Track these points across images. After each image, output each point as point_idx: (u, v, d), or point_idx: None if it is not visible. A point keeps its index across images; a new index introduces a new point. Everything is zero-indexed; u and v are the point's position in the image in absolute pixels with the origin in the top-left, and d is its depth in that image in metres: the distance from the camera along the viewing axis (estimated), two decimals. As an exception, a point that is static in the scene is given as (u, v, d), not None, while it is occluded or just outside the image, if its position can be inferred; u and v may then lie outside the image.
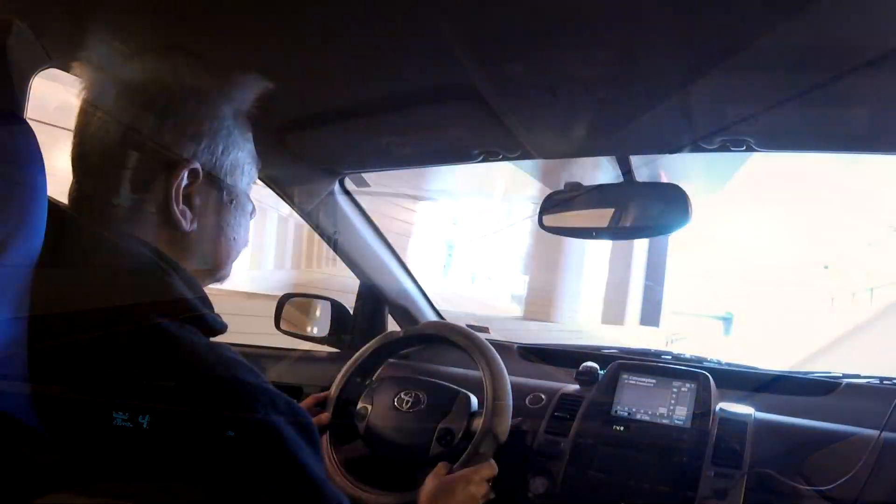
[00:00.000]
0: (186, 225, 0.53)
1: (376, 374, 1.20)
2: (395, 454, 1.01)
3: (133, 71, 0.52)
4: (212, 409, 0.43)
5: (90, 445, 0.42)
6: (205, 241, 0.56)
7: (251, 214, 0.62)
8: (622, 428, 1.01)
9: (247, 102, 0.60)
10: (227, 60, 0.72)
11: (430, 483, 0.86)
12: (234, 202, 0.58)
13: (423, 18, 0.65)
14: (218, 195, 0.56)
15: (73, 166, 0.54)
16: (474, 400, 1.04)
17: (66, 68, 0.74)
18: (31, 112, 0.53)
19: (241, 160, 0.58)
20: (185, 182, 0.52)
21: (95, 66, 0.53)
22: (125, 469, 0.42)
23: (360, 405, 1.08)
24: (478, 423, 0.96)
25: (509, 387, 0.98)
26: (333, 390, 1.10)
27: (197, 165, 0.53)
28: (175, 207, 0.52)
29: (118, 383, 0.43)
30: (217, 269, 0.59)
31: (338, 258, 1.36)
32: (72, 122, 0.54)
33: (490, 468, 0.90)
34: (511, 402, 0.98)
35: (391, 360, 1.27)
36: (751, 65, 0.65)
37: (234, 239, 0.59)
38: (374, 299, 1.46)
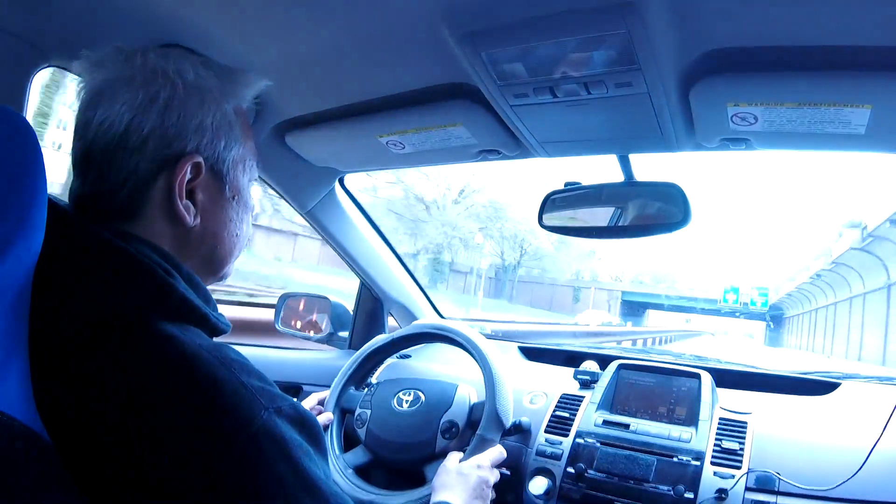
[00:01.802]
0: (190, 220, 0.53)
1: (373, 378, 1.20)
2: (401, 454, 1.01)
3: (134, 68, 0.52)
4: (215, 412, 0.43)
5: (92, 447, 0.42)
6: (207, 237, 0.56)
7: (252, 211, 0.62)
8: (622, 428, 1.01)
9: (248, 99, 0.60)
10: (228, 58, 0.72)
11: (443, 472, 0.86)
12: (237, 198, 0.58)
13: (423, 18, 0.65)
14: (220, 190, 0.56)
15: (73, 164, 0.53)
16: (473, 391, 1.04)
17: (65, 68, 0.74)
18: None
19: (242, 156, 0.58)
20: (188, 176, 0.53)
21: (96, 63, 0.53)
22: (127, 471, 0.42)
23: (358, 411, 1.08)
24: (480, 413, 0.97)
25: (506, 373, 0.99)
26: (330, 400, 1.10)
27: (200, 159, 0.53)
28: (178, 202, 0.52)
29: (120, 384, 0.43)
30: (220, 267, 0.59)
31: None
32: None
33: (499, 452, 0.92)
34: (510, 386, 0.99)
35: (392, 360, 1.27)
36: (751, 64, 0.65)
37: (237, 235, 0.59)
38: (373, 299, 1.46)
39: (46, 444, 0.41)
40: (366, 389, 1.13)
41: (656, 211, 0.96)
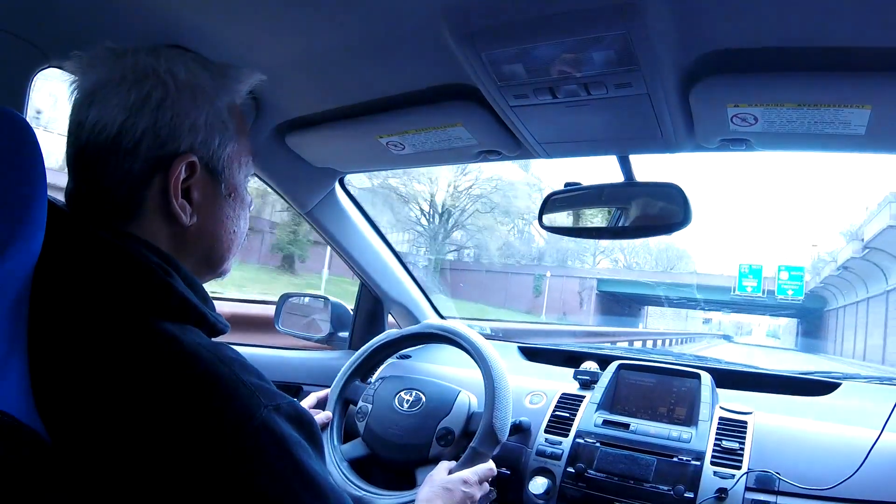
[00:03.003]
0: (186, 219, 0.53)
1: (376, 374, 1.20)
2: (395, 453, 1.01)
3: (126, 67, 0.52)
4: (214, 410, 0.43)
5: (91, 447, 0.42)
6: (205, 235, 0.56)
7: (249, 207, 0.62)
8: (622, 428, 1.01)
9: (242, 94, 0.60)
10: (228, 59, 0.72)
11: (428, 484, 0.86)
12: (233, 195, 0.58)
13: (423, 19, 0.65)
14: (216, 188, 0.56)
15: (68, 165, 0.53)
16: (474, 400, 1.04)
17: (64, 68, 0.74)
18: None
19: (238, 153, 0.58)
20: (182, 175, 0.52)
21: (88, 64, 0.53)
22: (127, 469, 0.42)
23: (360, 404, 1.09)
24: (477, 423, 0.96)
25: (509, 386, 0.99)
26: (334, 389, 1.10)
27: (194, 158, 0.53)
28: (174, 201, 0.52)
29: (120, 384, 0.43)
30: (218, 264, 0.59)
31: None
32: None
33: (489, 469, 0.91)
34: (510, 401, 0.98)
35: (392, 360, 1.27)
36: (751, 64, 0.65)
37: (234, 232, 0.59)
38: (373, 299, 1.46)
39: (46, 443, 0.41)
40: (369, 384, 1.13)
41: (656, 211, 0.96)
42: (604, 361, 1.18)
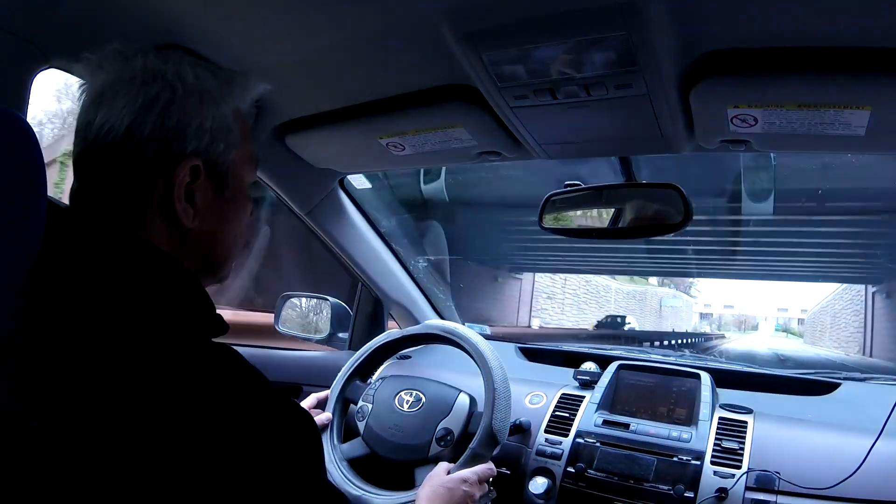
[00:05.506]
0: (188, 222, 0.53)
1: (377, 374, 1.20)
2: (395, 454, 1.01)
3: (134, 70, 0.52)
4: (214, 410, 0.44)
5: (91, 445, 0.42)
6: (206, 238, 0.56)
7: (251, 213, 0.62)
8: (622, 428, 1.01)
9: (248, 101, 0.60)
10: (228, 59, 0.72)
11: (428, 484, 0.86)
12: (236, 200, 0.59)
13: (423, 20, 0.65)
14: (219, 193, 0.56)
15: (74, 165, 0.54)
16: (474, 400, 1.04)
17: (66, 69, 0.74)
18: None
19: (242, 158, 0.58)
20: (186, 179, 0.53)
21: (96, 65, 0.53)
22: (126, 469, 0.42)
23: (360, 404, 1.09)
24: (477, 424, 0.96)
25: (509, 387, 0.99)
26: (334, 389, 1.11)
27: (198, 162, 0.53)
28: (177, 204, 0.52)
29: (118, 383, 0.43)
30: (218, 268, 0.60)
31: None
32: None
33: (488, 469, 0.91)
34: (510, 402, 0.98)
35: (392, 360, 1.27)
36: (750, 65, 0.65)
37: (236, 237, 0.60)
38: (373, 299, 1.46)
39: (45, 442, 0.41)
40: (369, 384, 1.14)
41: (656, 212, 0.97)
42: (603, 362, 1.18)
